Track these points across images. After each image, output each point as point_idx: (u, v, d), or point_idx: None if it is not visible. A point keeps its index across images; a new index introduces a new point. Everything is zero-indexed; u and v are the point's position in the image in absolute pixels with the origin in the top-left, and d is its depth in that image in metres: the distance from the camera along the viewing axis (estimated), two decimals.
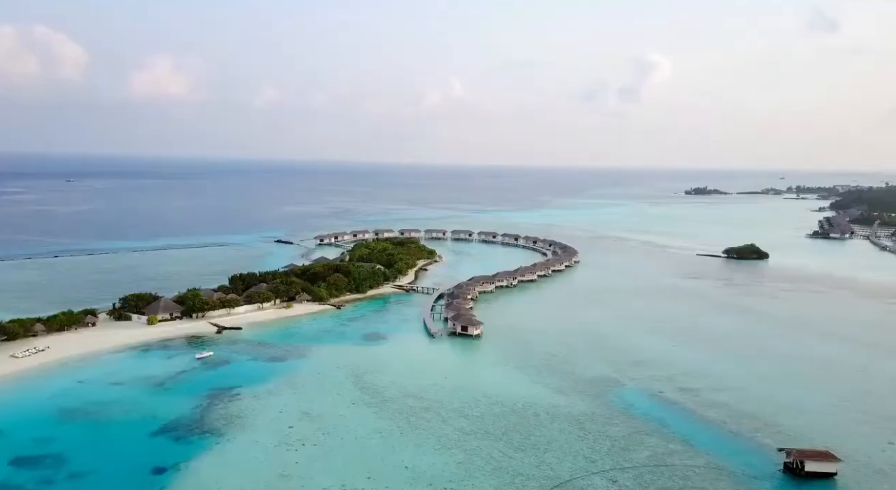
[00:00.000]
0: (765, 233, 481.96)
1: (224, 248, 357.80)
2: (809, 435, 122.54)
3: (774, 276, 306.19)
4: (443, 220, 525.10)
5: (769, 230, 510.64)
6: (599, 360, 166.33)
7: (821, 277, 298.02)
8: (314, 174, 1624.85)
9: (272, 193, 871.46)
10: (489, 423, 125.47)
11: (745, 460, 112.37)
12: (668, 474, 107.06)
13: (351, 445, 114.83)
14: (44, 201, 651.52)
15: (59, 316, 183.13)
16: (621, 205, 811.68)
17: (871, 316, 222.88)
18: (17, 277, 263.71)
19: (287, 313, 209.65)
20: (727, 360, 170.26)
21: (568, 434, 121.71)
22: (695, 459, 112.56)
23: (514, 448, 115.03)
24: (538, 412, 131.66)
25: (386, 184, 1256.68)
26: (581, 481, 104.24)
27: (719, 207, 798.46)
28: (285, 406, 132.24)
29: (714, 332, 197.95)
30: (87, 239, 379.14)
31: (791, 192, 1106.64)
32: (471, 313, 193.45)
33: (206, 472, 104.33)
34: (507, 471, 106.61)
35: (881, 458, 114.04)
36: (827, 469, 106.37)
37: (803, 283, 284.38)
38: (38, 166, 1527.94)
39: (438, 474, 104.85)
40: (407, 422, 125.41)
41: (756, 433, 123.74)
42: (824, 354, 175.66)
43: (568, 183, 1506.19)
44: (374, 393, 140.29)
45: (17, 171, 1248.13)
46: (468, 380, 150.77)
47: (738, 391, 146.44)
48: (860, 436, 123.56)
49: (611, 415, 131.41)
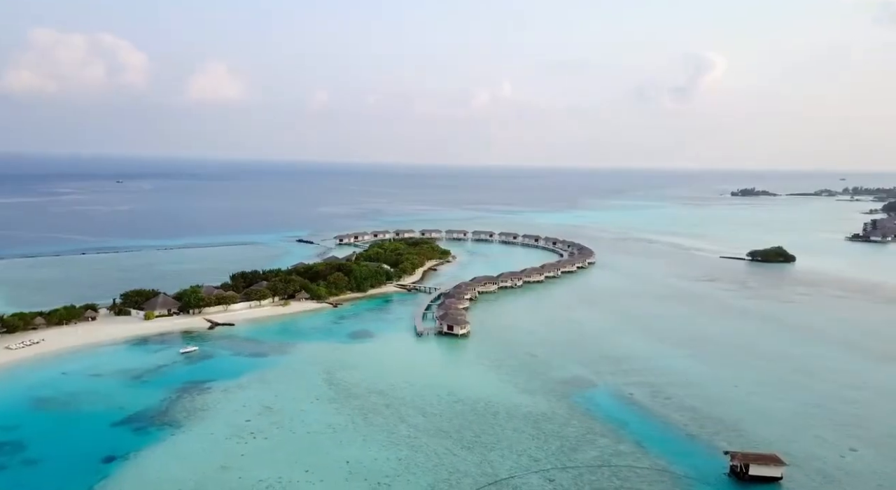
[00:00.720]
0: (803, 235, 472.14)
1: (245, 247, 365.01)
2: (770, 440, 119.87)
3: (795, 279, 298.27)
4: (472, 220, 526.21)
5: (808, 233, 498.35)
6: (579, 362, 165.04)
7: (844, 282, 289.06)
8: (356, 176, 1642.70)
9: (309, 195, 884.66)
10: (445, 421, 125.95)
11: (693, 463, 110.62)
12: (607, 475, 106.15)
13: (300, 440, 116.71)
14: (89, 202, 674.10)
15: (59, 310, 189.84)
16: (660, 207, 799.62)
17: (882, 322, 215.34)
18: (39, 274, 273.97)
19: (283, 311, 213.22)
20: (712, 363, 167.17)
21: (520, 433, 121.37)
22: (641, 461, 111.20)
23: (462, 446, 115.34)
24: (498, 411, 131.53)
25: (425, 185, 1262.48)
26: (518, 480, 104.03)
27: (763, 209, 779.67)
28: (250, 400, 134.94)
29: (709, 335, 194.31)
30: (117, 237, 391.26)
31: (846, 194, 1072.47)
32: (460, 313, 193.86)
33: (152, 462, 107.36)
34: (446, 468, 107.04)
35: (837, 465, 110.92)
36: (771, 473, 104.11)
37: (823, 288, 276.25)
38: (97, 168, 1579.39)
39: (377, 470, 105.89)
40: (363, 418, 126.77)
41: (714, 437, 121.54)
42: (816, 360, 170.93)
43: (613, 184, 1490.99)
44: (341, 389, 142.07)
45: (76, 173, 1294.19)
46: (439, 378, 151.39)
47: (712, 394, 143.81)
48: (823, 442, 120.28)
49: (571, 415, 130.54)
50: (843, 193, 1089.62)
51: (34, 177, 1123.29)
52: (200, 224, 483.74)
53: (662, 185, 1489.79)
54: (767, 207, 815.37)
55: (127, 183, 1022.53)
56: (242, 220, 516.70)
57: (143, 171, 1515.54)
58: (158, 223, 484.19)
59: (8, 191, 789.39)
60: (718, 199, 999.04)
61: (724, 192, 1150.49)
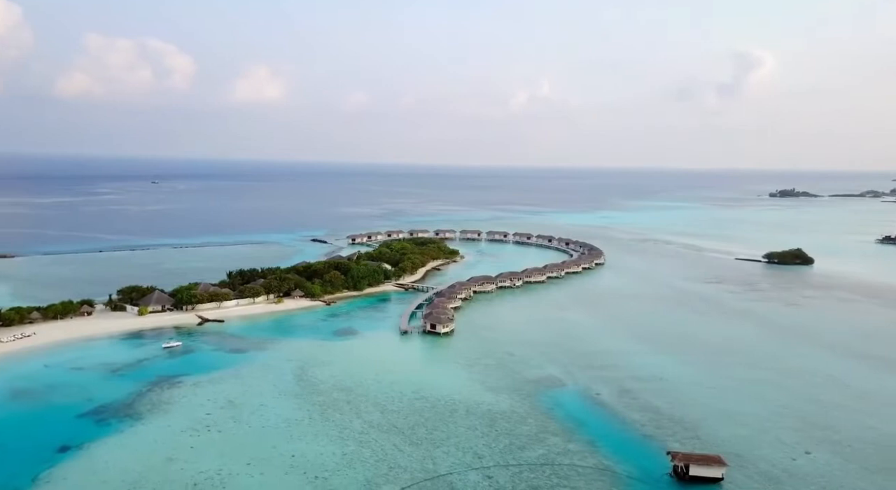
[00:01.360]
0: (832, 237, 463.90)
1: (260, 246, 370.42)
2: (726, 441, 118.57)
3: (807, 282, 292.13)
4: (494, 221, 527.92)
5: (838, 235, 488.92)
6: (555, 361, 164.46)
7: (859, 285, 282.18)
8: (387, 177, 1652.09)
9: (335, 195, 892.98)
10: (401, 418, 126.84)
11: (639, 463, 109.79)
12: (547, 473, 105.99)
13: (252, 433, 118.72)
14: (122, 201, 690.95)
15: (56, 305, 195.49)
16: (690, 208, 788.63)
17: (884, 326, 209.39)
18: (52, 270, 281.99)
19: (276, 308, 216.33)
20: (692, 364, 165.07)
21: (473, 431, 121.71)
22: (586, 460, 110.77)
23: (410, 442, 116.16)
24: (457, 409, 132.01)
25: (454, 186, 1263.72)
26: (455, 476, 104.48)
27: (797, 211, 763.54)
28: (216, 394, 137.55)
29: (697, 337, 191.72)
30: (137, 236, 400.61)
31: (893, 195, 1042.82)
32: (443, 312, 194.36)
33: (103, 452, 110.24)
34: (387, 463, 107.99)
35: (785, 467, 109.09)
36: (711, 474, 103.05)
37: (834, 291, 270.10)
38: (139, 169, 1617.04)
39: (318, 464, 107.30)
40: (321, 413, 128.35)
41: (669, 438, 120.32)
42: (800, 362, 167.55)
43: (648, 185, 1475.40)
44: (308, 385, 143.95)
45: (118, 174, 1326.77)
46: (408, 375, 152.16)
47: (682, 396, 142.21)
48: (780, 444, 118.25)
49: (529, 414, 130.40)
50: (890, 194, 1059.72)
51: (78, 177, 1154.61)
52: (221, 223, 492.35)
53: (699, 185, 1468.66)
54: (803, 209, 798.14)
55: (162, 183, 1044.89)
56: (263, 220, 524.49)
57: (183, 172, 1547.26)
58: (180, 222, 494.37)
59: (51, 191, 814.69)
60: (755, 200, 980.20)
61: (763, 193, 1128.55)
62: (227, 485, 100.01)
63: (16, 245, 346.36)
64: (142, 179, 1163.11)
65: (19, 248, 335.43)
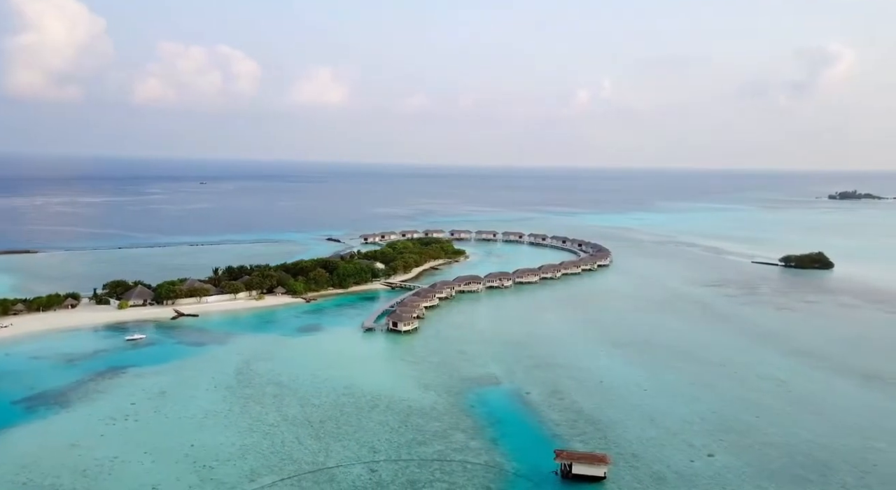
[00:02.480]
0: (872, 240, 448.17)
1: (274, 244, 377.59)
2: (631, 442, 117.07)
3: (815, 286, 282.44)
4: (522, 221, 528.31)
5: (880, 238, 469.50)
6: (502, 361, 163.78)
7: (870, 291, 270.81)
8: (435, 178, 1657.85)
9: (376, 196, 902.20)
10: (318, 412, 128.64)
11: (533, 462, 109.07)
12: (433, 468, 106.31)
13: (166, 424, 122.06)
14: (164, 201, 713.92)
15: (42, 298, 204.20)
16: (736, 210, 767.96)
17: (867, 333, 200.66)
18: (64, 265, 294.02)
19: (256, 304, 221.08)
20: (641, 367, 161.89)
21: (383, 426, 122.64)
22: (479, 457, 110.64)
23: (314, 435, 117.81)
24: (378, 405, 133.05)
25: (498, 187, 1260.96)
26: (340, 469, 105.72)
27: (853, 213, 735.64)
28: (153, 385, 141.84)
29: (663, 339, 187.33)
30: (161, 234, 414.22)
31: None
32: (407, 311, 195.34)
33: (15, 438, 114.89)
34: (280, 455, 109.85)
35: (680, 468, 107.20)
36: (593, 472, 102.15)
37: (839, 296, 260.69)
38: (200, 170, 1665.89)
39: (213, 454, 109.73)
40: (242, 406, 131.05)
41: (577, 438, 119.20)
42: (752, 367, 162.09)
43: (702, 185, 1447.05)
44: (245, 379, 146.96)
45: (176, 175, 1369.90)
46: (347, 371, 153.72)
47: (612, 397, 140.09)
48: (688, 446, 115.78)
49: (448, 411, 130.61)
50: None
51: (139, 178, 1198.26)
52: (246, 222, 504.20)
53: (757, 186, 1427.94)
54: (860, 212, 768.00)
55: (210, 184, 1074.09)
56: (288, 219, 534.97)
57: (240, 173, 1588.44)
58: (207, 221, 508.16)
59: (106, 190, 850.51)
60: (811, 202, 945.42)
61: (823, 194, 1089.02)
62: (115, 471, 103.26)
63: (42, 241, 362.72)
64: (190, 180, 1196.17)
65: (44, 244, 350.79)
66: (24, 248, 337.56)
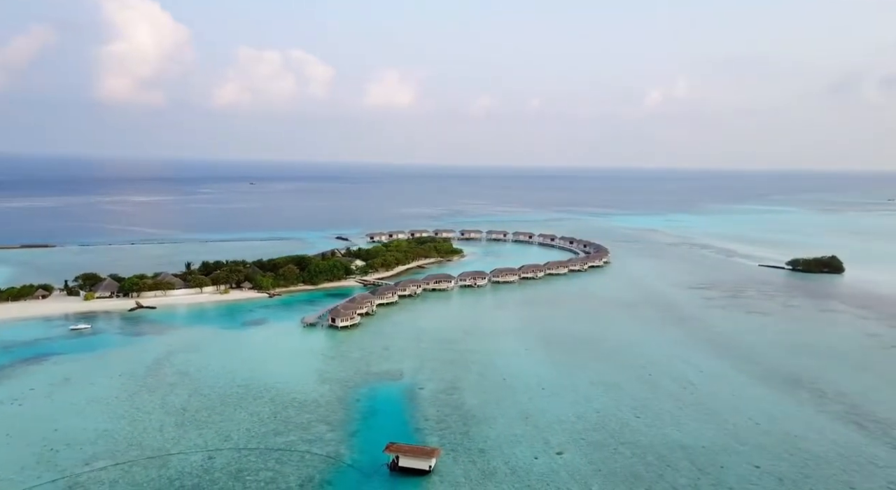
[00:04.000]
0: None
1: (281, 241, 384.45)
2: (487, 439, 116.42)
3: (808, 291, 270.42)
4: (551, 222, 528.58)
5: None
6: (419, 357, 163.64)
7: (867, 297, 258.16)
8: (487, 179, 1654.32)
9: (414, 196, 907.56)
10: (200, 402, 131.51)
11: (376, 455, 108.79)
12: (272, 458, 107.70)
13: (49, 408, 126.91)
14: (209, 200, 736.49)
15: (14, 288, 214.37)
16: (783, 212, 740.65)
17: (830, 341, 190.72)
18: (68, 259, 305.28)
19: (219, 298, 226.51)
20: (556, 367, 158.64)
21: (252, 416, 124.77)
22: (324, 448, 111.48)
23: (179, 424, 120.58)
24: (262, 396, 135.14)
25: (548, 187, 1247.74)
26: (180, 456, 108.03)
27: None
28: (63, 372, 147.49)
29: (599, 341, 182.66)
30: (180, 230, 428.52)
31: None
32: (347, 307, 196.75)
33: None
34: (130, 441, 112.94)
35: (518, 465, 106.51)
36: (419, 465, 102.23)
37: (829, 301, 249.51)
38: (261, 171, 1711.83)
39: (70, 437, 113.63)
40: (134, 394, 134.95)
41: (439, 433, 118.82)
42: (670, 371, 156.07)
43: (765, 186, 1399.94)
44: (154, 368, 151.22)
45: (231, 176, 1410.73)
46: (257, 364, 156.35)
47: (503, 395, 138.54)
48: (541, 445, 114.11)
49: (330, 404, 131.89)
50: None
51: (198, 179, 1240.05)
52: (268, 220, 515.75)
53: (825, 188, 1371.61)
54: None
55: (259, 185, 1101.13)
56: (309, 218, 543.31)
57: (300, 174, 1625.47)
58: (232, 219, 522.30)
59: (160, 190, 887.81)
60: (875, 205, 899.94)
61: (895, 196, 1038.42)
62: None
63: (63, 236, 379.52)
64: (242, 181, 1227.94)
65: (62, 239, 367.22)
66: (43, 243, 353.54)
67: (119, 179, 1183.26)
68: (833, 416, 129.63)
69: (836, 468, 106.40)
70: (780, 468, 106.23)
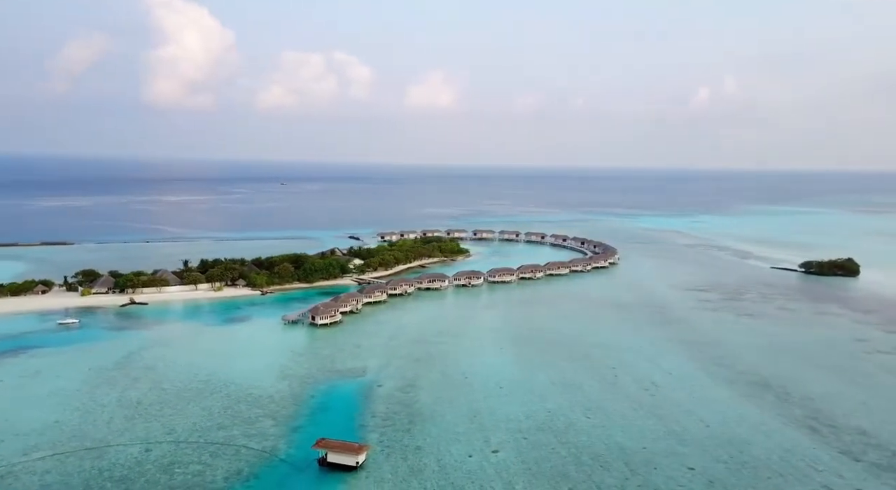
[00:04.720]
0: None
1: (291, 240, 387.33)
2: (428, 436, 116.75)
3: (814, 294, 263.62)
4: (569, 223, 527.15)
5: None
6: (386, 355, 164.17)
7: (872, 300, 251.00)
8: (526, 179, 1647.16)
9: (439, 196, 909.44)
10: (157, 395, 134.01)
11: (309, 451, 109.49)
12: (207, 451, 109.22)
13: (9, 400, 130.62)
14: (239, 201, 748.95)
15: (16, 283, 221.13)
16: (818, 213, 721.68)
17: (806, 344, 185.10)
18: (81, 256, 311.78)
19: (213, 295, 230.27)
20: (520, 367, 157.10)
21: (203, 410, 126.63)
22: (261, 443, 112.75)
23: (129, 417, 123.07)
24: (219, 391, 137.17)
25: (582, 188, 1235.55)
26: (118, 448, 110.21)
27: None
28: (36, 365, 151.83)
29: (573, 342, 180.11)
30: (198, 229, 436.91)
31: None
32: (328, 305, 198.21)
33: None
34: (74, 432, 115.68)
35: (449, 463, 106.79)
36: (346, 461, 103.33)
37: (829, 304, 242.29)
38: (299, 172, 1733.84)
39: (18, 428, 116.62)
40: (95, 387, 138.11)
41: (381, 430, 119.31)
42: (638, 373, 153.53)
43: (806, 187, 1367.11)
44: (125, 363, 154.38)
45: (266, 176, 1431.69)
46: (226, 360, 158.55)
47: (458, 394, 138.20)
48: (480, 444, 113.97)
49: (284, 399, 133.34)
50: None
51: (232, 179, 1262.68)
52: (286, 220, 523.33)
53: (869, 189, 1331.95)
54: None
55: (289, 185, 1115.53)
56: (327, 217, 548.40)
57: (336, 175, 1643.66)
58: (255, 218, 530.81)
59: (195, 190, 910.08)
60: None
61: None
62: None
63: (83, 234, 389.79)
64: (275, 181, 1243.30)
65: (81, 237, 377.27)
66: (61, 241, 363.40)
67: (160, 180, 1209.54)
68: (789, 419, 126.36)
69: (773, 472, 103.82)
70: (715, 470, 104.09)
